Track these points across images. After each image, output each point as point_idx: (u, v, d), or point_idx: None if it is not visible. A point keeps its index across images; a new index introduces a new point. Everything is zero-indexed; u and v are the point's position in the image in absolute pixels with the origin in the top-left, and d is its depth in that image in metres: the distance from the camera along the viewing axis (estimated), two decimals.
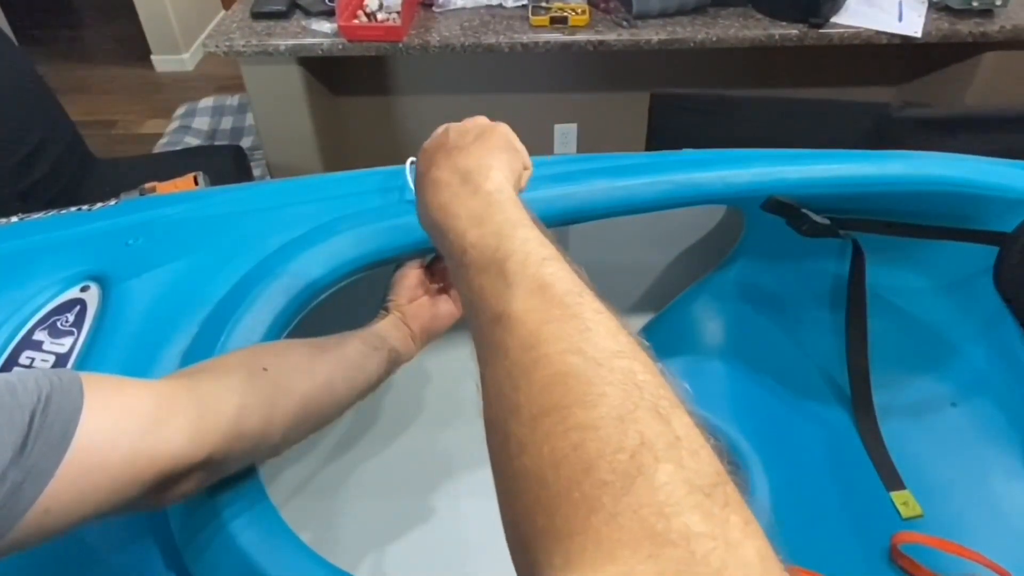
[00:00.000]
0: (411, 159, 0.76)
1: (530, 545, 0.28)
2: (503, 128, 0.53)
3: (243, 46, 1.71)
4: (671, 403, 0.30)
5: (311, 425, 0.58)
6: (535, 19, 1.74)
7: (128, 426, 0.42)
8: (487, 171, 0.46)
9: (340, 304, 0.71)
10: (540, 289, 0.35)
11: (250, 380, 0.51)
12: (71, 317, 0.66)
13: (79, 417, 0.39)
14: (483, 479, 0.23)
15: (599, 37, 1.71)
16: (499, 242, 0.39)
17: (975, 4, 1.69)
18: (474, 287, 0.38)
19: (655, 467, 0.27)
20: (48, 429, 0.38)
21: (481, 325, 0.37)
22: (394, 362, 0.66)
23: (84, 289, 0.68)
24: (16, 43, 1.88)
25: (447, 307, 0.71)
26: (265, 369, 0.53)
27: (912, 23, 1.70)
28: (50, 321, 0.65)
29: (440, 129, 0.54)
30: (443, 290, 0.72)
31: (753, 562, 0.25)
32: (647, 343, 0.34)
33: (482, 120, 0.55)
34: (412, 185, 0.73)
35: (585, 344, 0.32)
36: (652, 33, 1.71)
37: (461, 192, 0.45)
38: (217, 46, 1.71)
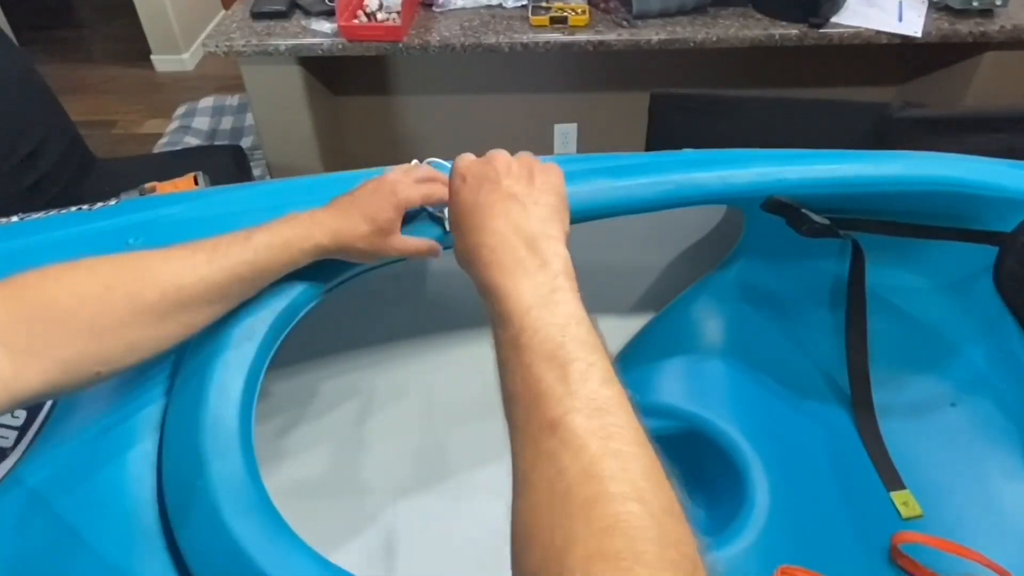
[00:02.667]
0: (414, 161, 0.76)
1: None
2: (558, 173, 0.51)
3: (243, 46, 1.71)
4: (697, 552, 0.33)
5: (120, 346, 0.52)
6: (535, 19, 1.74)
7: None
8: (555, 244, 0.45)
9: (340, 304, 0.71)
10: (599, 412, 0.36)
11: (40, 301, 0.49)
12: None
13: None
14: (483, 479, 0.23)
15: (599, 37, 1.71)
16: (564, 338, 0.39)
17: (975, 4, 1.69)
18: (532, 373, 0.38)
19: None
20: None
21: (528, 417, 0.37)
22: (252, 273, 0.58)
23: None
24: (16, 43, 1.88)
25: (419, 248, 0.65)
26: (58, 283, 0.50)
27: (912, 23, 1.70)
28: None
29: (465, 161, 0.52)
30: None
31: None
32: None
33: (528, 159, 0.52)
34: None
35: (646, 492, 0.33)
36: (652, 33, 1.71)
37: (527, 262, 0.43)
38: (217, 46, 1.71)
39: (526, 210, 0.47)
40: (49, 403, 0.61)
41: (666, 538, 0.32)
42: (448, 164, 0.76)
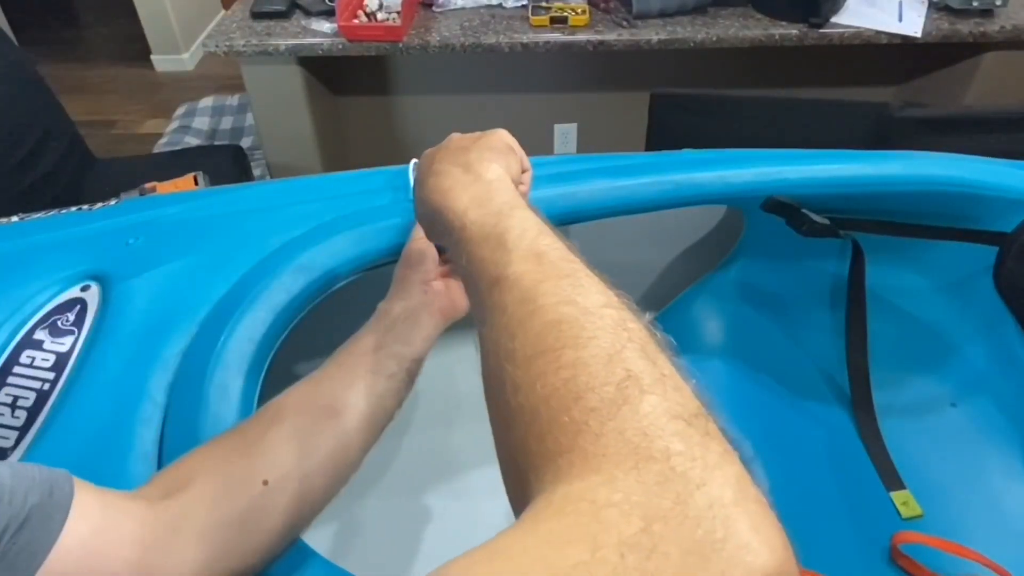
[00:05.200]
0: (414, 160, 0.76)
1: (523, 474, 0.30)
2: (501, 131, 0.55)
3: (243, 46, 1.71)
4: (656, 347, 0.32)
5: (318, 513, 0.53)
6: (535, 19, 1.74)
7: (105, 572, 0.40)
8: (487, 163, 0.48)
9: (340, 304, 0.71)
10: (536, 256, 0.37)
11: (248, 500, 0.48)
12: (71, 316, 0.66)
13: (48, 552, 0.37)
14: (484, 479, 0.24)
15: (599, 37, 1.71)
16: (498, 220, 0.41)
17: (975, 4, 1.69)
18: (474, 258, 0.40)
19: (640, 398, 0.29)
20: (13, 559, 0.36)
21: (480, 291, 0.39)
22: (413, 376, 0.60)
23: (84, 288, 0.68)
24: (16, 43, 1.88)
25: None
26: (265, 483, 0.49)
27: (912, 23, 1.70)
28: (51, 320, 0.65)
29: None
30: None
31: (730, 483, 0.26)
32: (635, 306, 0.36)
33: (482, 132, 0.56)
34: (414, 185, 0.73)
35: (578, 296, 0.34)
36: (652, 33, 1.71)
37: (463, 179, 0.47)
38: (217, 46, 1.71)
39: (465, 150, 0.50)
40: (49, 403, 0.61)
41: (599, 322, 0.32)
42: None
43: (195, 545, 0.45)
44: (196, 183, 0.95)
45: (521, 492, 0.30)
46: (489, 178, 0.46)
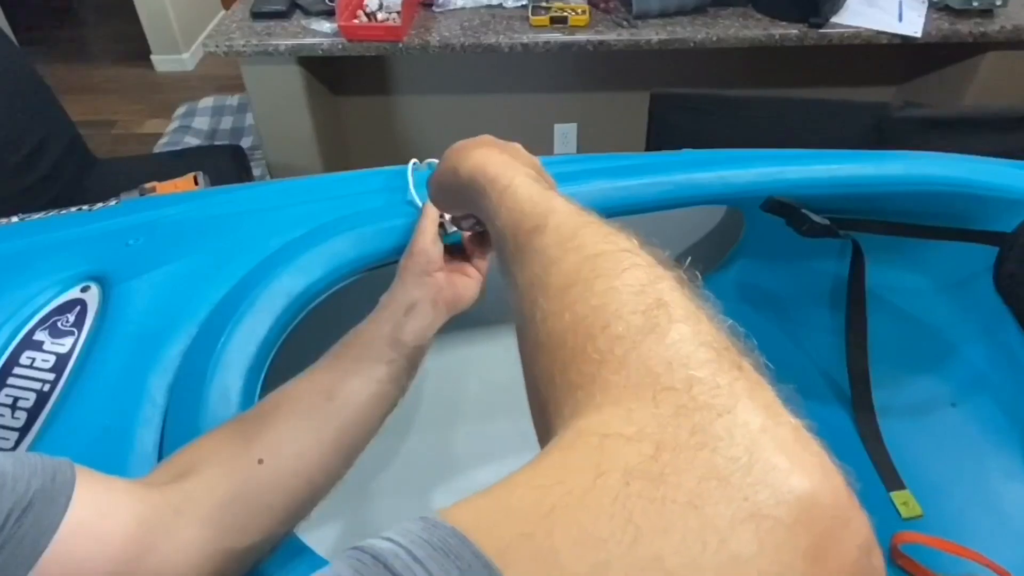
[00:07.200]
0: (413, 160, 0.76)
1: (547, 405, 0.29)
2: (534, 158, 0.56)
3: (243, 46, 1.71)
4: (695, 289, 0.31)
5: (319, 497, 0.54)
6: (535, 19, 1.74)
7: (108, 552, 0.40)
8: (527, 156, 0.51)
9: (340, 305, 0.71)
10: (579, 212, 0.38)
11: (245, 479, 0.49)
12: (71, 317, 0.66)
13: (54, 535, 0.38)
14: (487, 479, 0.24)
15: (599, 37, 1.71)
16: (542, 189, 0.41)
17: (975, 4, 1.69)
18: (515, 211, 0.40)
19: (669, 326, 0.27)
20: (18, 541, 0.36)
21: (518, 241, 0.38)
22: (414, 363, 0.61)
23: (84, 289, 0.68)
24: (16, 43, 1.88)
25: (473, 281, 0.66)
26: (261, 461, 0.50)
27: (912, 23, 1.70)
28: (50, 321, 0.65)
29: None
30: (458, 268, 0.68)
31: (758, 410, 0.24)
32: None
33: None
34: (413, 186, 0.73)
35: (618, 239, 0.34)
36: (652, 33, 1.71)
37: (507, 159, 0.47)
38: (217, 46, 1.71)
39: (506, 147, 0.51)
40: (49, 404, 0.61)
41: (637, 258, 0.32)
42: None
43: (196, 526, 0.45)
44: (196, 183, 0.95)
45: (545, 430, 0.29)
46: (532, 161, 0.49)
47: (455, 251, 0.67)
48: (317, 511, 0.77)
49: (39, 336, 0.64)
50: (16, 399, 0.60)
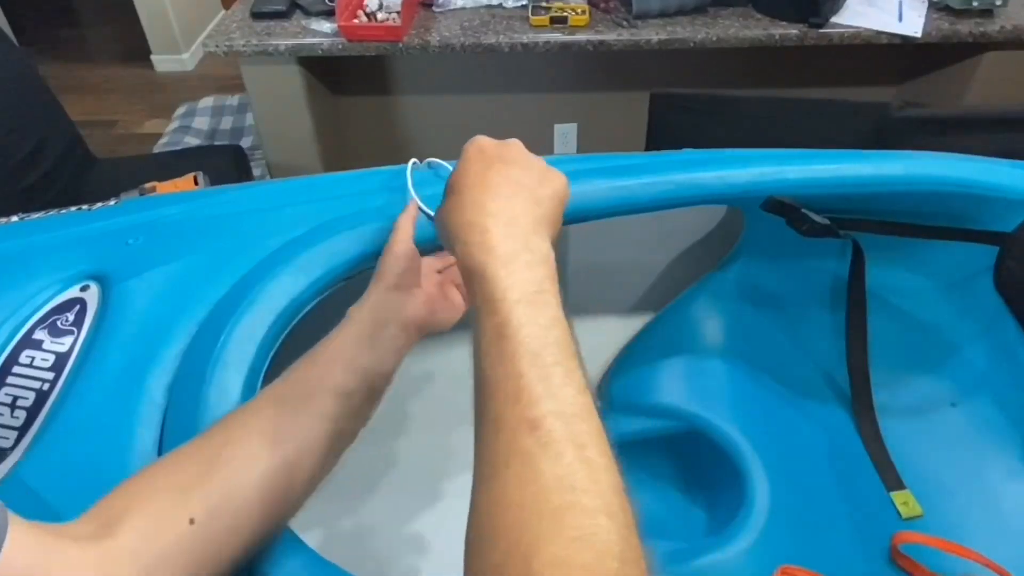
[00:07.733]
0: (413, 160, 0.76)
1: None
2: (564, 182, 0.53)
3: (243, 46, 1.71)
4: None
5: (258, 549, 0.50)
6: (535, 19, 1.74)
7: None
8: (545, 245, 0.46)
9: (340, 304, 0.71)
10: (576, 419, 0.38)
11: (175, 538, 0.44)
12: (71, 316, 0.66)
13: None
14: None
15: (599, 37, 1.71)
16: (548, 340, 0.40)
17: (975, 4, 1.69)
18: (514, 366, 0.40)
19: None
20: None
21: (505, 410, 0.39)
22: (378, 391, 0.57)
23: (84, 288, 0.68)
24: (16, 43, 1.88)
25: (455, 311, 0.63)
26: (192, 521, 0.45)
27: (912, 23, 1.70)
28: (50, 320, 0.65)
29: (485, 138, 0.52)
30: (443, 290, 0.65)
31: None
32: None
33: (541, 159, 0.54)
34: (412, 186, 0.73)
35: (613, 506, 0.35)
36: (652, 33, 1.71)
37: (520, 256, 0.44)
38: (217, 46, 1.71)
39: (527, 204, 0.47)
40: (48, 403, 0.61)
41: (629, 554, 0.33)
42: (448, 164, 0.76)
43: None
44: (196, 183, 0.95)
45: None
46: (544, 273, 0.44)
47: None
48: (316, 511, 0.77)
49: (39, 335, 0.64)
50: (15, 398, 0.60)
